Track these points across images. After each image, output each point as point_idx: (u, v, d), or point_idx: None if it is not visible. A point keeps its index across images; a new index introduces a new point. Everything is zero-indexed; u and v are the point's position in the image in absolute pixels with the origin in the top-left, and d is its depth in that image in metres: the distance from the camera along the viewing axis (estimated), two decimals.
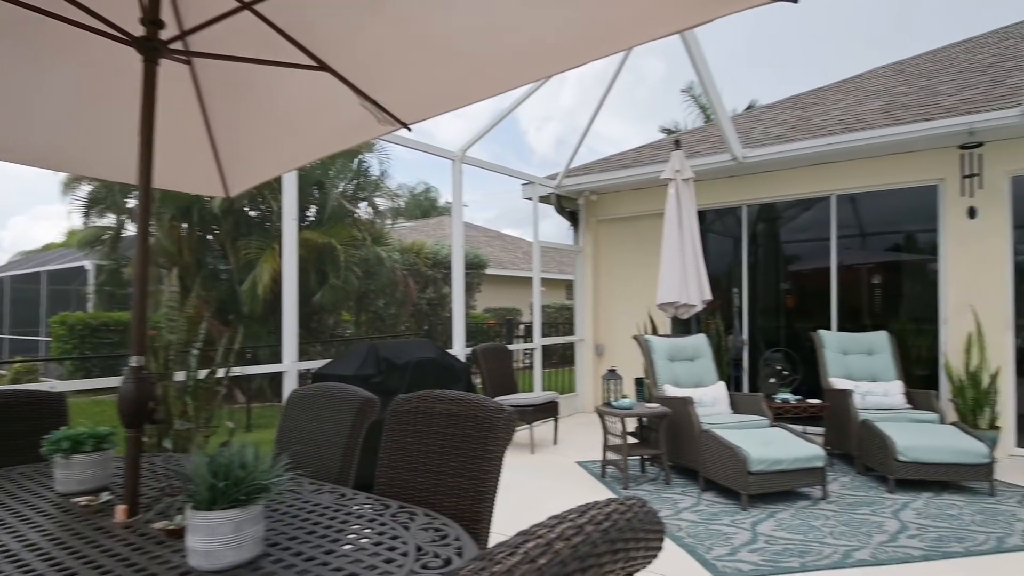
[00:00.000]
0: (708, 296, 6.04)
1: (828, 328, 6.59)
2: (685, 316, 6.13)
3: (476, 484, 2.13)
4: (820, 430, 5.85)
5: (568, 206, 8.45)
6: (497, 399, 6.15)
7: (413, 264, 12.07)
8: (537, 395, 6.34)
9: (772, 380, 6.04)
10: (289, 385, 4.64)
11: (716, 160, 6.92)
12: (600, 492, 4.89)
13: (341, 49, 2.39)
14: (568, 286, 17.52)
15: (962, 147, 5.83)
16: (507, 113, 6.39)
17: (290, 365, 4.67)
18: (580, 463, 5.73)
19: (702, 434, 4.86)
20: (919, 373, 6.33)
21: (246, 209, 10.51)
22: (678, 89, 20.41)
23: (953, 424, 5.18)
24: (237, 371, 4.30)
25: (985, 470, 4.69)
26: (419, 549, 1.59)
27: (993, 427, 5.60)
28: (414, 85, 2.57)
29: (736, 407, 5.47)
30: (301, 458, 2.58)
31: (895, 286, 6.97)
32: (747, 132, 7.47)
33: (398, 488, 2.27)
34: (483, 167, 6.77)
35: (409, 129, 2.67)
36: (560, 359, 12.43)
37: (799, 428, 5.08)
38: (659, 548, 1.11)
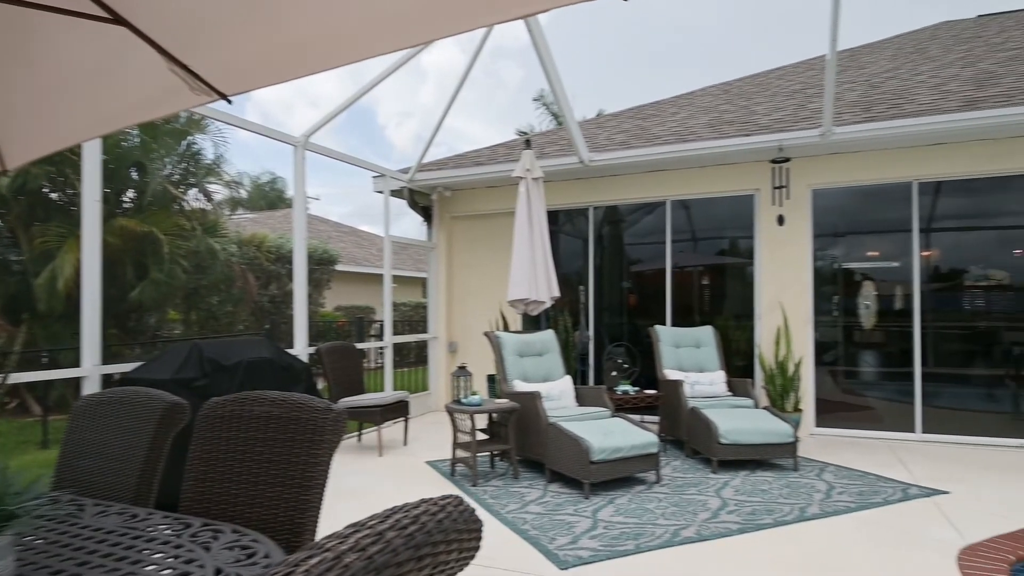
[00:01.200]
0: (556, 293, 6.21)
1: (664, 324, 7.08)
2: (535, 312, 6.25)
3: (299, 493, 1.93)
4: (656, 419, 6.26)
5: (421, 201, 8.30)
6: (343, 400, 5.85)
7: (253, 258, 11.20)
8: (386, 395, 6.11)
9: (614, 373, 6.35)
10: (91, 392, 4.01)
11: (565, 162, 7.15)
12: (448, 491, 4.79)
13: (143, 0, 2.06)
14: (425, 284, 17.33)
15: (773, 161, 6.54)
16: (356, 99, 6.08)
17: (91, 369, 4.04)
18: (430, 463, 5.61)
19: (549, 427, 4.96)
20: (739, 364, 7.00)
21: (45, 190, 9.07)
22: (534, 95, 21.04)
23: (765, 408, 5.77)
24: (18, 377, 3.63)
25: (791, 448, 5.28)
26: (219, 572, 1.38)
27: (797, 409, 6.35)
28: (235, 51, 2.29)
29: (581, 400, 5.66)
30: (89, 476, 2.20)
31: (720, 286, 7.67)
32: (593, 137, 7.82)
33: (208, 503, 2.00)
34: (329, 155, 6.41)
35: (229, 101, 2.37)
36: (417, 358, 12.22)
37: (638, 418, 5.37)
38: (475, 548, 1.02)
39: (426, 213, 8.41)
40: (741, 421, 5.35)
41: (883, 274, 6.81)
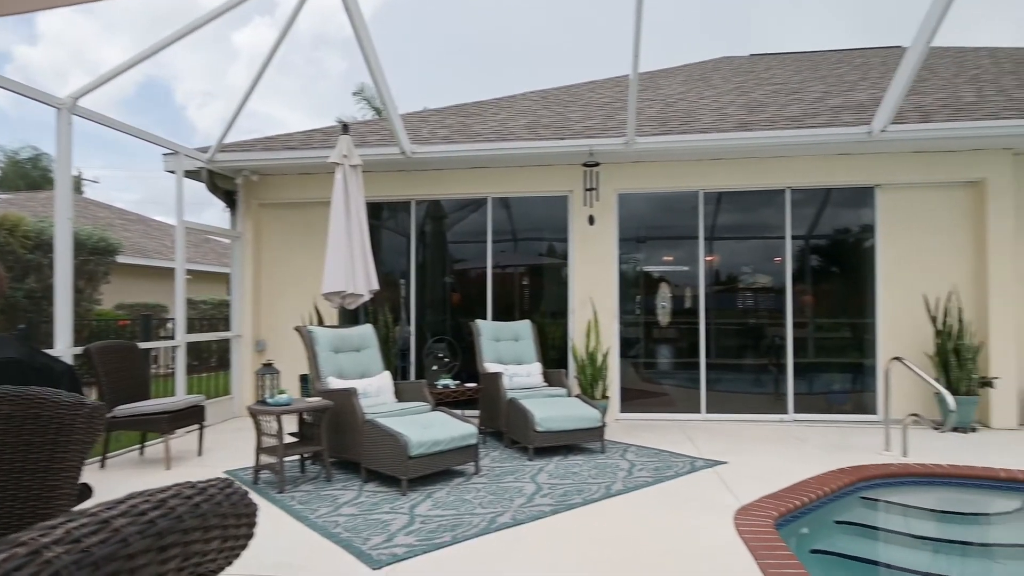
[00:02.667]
0: (375, 286, 5.97)
1: (486, 319, 7.18)
2: (352, 306, 5.95)
3: (36, 507, 1.56)
4: (478, 412, 6.30)
5: (224, 185, 7.50)
6: (120, 408, 5.04)
7: (5, 244, 9.27)
8: (175, 399, 5.39)
9: (435, 368, 6.27)
10: None
11: (386, 152, 6.93)
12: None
13: None
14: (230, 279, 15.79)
15: (585, 165, 6.96)
16: (139, 60, 5.27)
17: None
18: (229, 472, 5.05)
19: (365, 424, 4.72)
20: (554, 356, 7.33)
21: None
22: (355, 89, 20.32)
23: (577, 396, 6.10)
24: None
25: (599, 432, 5.62)
26: None
27: (604, 397, 6.80)
28: None
29: (401, 395, 5.50)
30: None
31: (539, 285, 7.98)
32: (416, 130, 7.69)
33: None
34: (104, 123, 5.47)
35: None
36: (220, 362, 11.07)
37: (459, 412, 5.34)
38: (247, 536, 0.85)
39: (229, 199, 7.63)
40: (555, 409, 5.58)
41: (677, 277, 7.57)
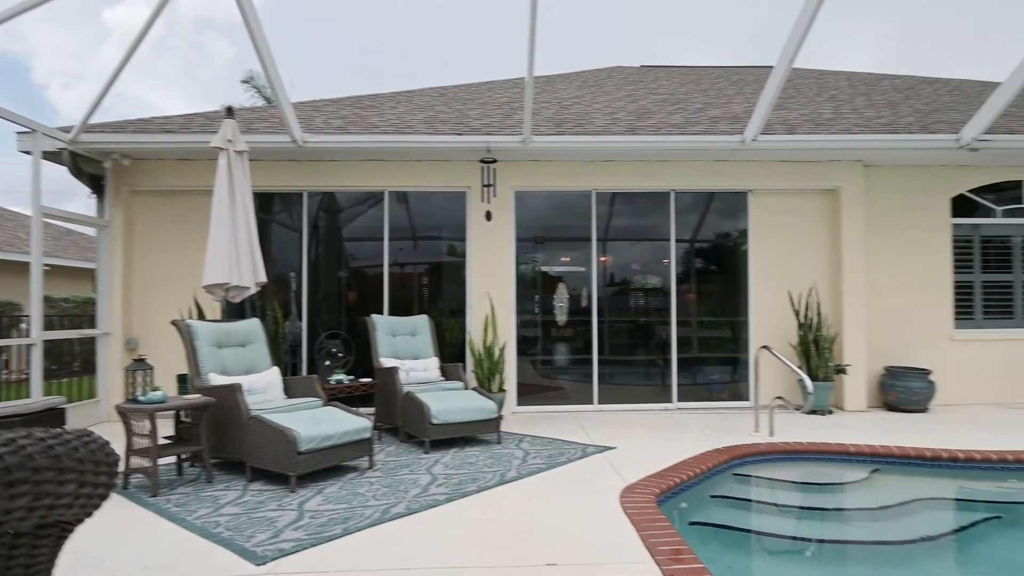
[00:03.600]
0: (263, 278, 5.70)
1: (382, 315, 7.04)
2: (237, 299, 5.64)
3: None
4: (373, 409, 6.17)
5: (90, 169, 6.86)
6: None
7: None
8: (29, 401, 4.85)
9: (327, 363, 6.08)
10: None
11: (276, 140, 6.64)
12: (119, 507, 4.00)
13: None
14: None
15: (483, 161, 7.03)
16: None
17: None
18: None
19: (250, 421, 4.49)
20: (454, 353, 7.33)
21: None
22: (245, 76, 19.20)
23: (474, 389, 6.13)
24: None
25: (495, 423, 5.69)
26: None
27: (501, 390, 6.89)
28: None
29: (291, 392, 5.28)
30: None
31: (438, 281, 7.94)
32: (309, 120, 7.43)
33: None
34: None
35: None
36: (85, 366, 10.08)
37: (355, 408, 5.21)
38: (108, 486, 0.82)
39: (96, 184, 6.98)
40: (452, 402, 5.59)
41: (573, 277, 7.81)
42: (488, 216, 7.19)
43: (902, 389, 7.33)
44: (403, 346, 6.44)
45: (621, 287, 7.94)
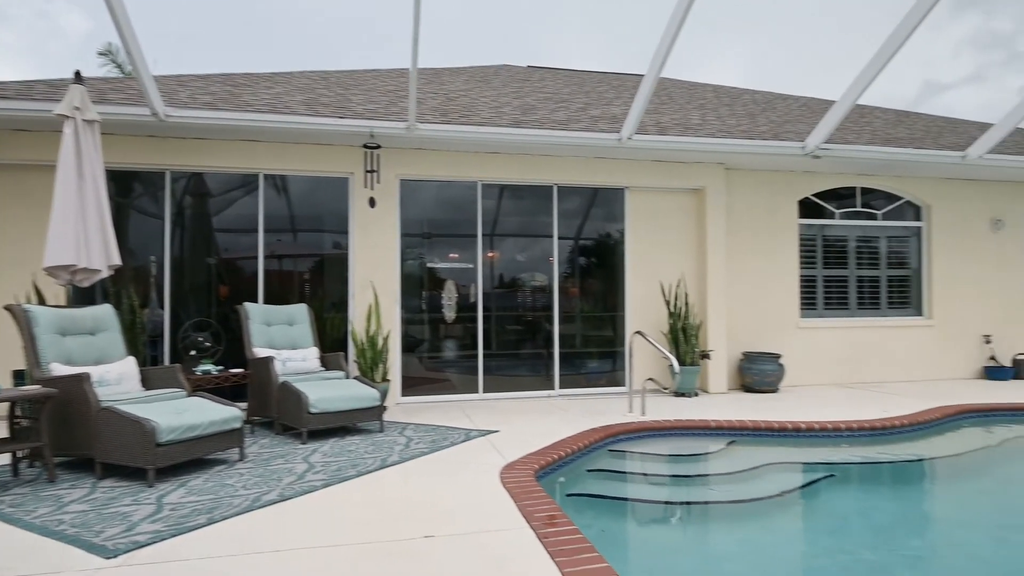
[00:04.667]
0: (116, 260, 5.21)
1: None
2: (86, 284, 5.11)
3: None
4: (246, 404, 5.82)
5: None
6: None
7: None
8: None
9: (193, 352, 5.67)
10: None
11: (133, 112, 6.09)
12: None
13: None
14: None
15: (366, 146, 6.88)
16: None
17: None
18: None
19: (101, 413, 4.09)
20: (336, 343, 7.09)
21: None
22: (102, 48, 17.38)
23: (356, 378, 5.98)
24: None
25: (377, 411, 5.58)
26: None
27: (385, 379, 6.77)
28: None
29: (150, 383, 4.87)
30: None
31: (319, 271, 7.63)
32: (173, 94, 6.89)
33: None
34: None
35: None
36: None
37: (226, 400, 4.88)
38: None
39: None
40: (331, 390, 5.42)
41: (461, 273, 7.82)
42: (372, 203, 7.04)
43: (757, 372, 8.05)
44: (279, 336, 6.15)
45: (507, 282, 8.08)
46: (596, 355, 8.31)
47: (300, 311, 6.43)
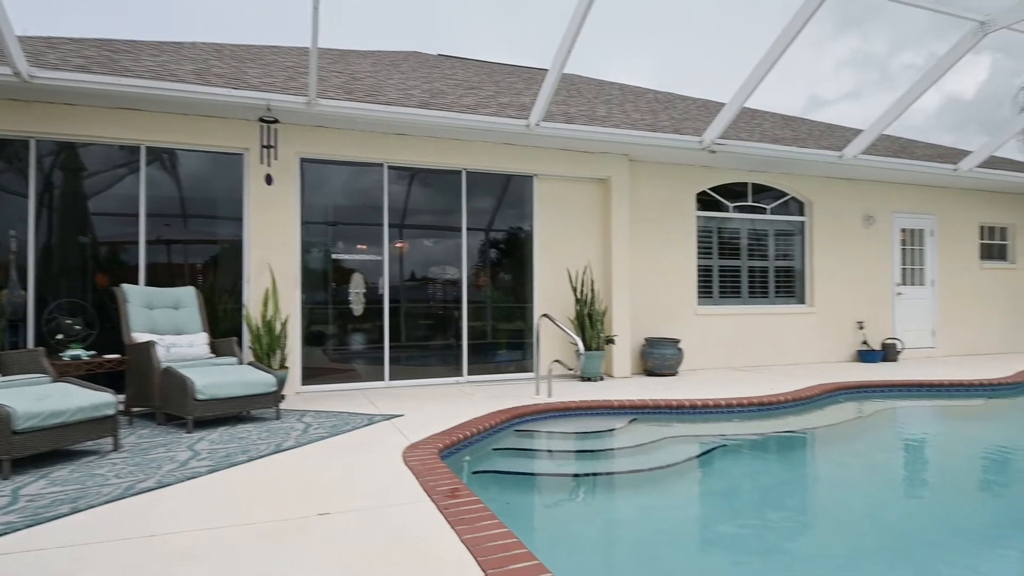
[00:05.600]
0: None
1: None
2: None
3: None
4: (124, 396, 5.34)
5: None
6: None
7: None
8: None
9: (60, 336, 5.13)
10: None
11: None
12: None
13: None
14: None
15: (262, 120, 6.50)
16: None
17: None
18: None
19: None
20: (227, 327, 6.65)
21: None
22: None
23: (250, 363, 5.64)
24: None
25: (273, 397, 5.28)
26: None
27: (283, 367, 6.43)
28: None
29: (8, 369, 4.36)
30: None
31: (211, 249, 7.14)
32: (40, 55, 6.21)
33: None
34: None
35: None
36: None
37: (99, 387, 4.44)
38: None
39: None
40: (221, 376, 5.08)
41: (366, 265, 7.56)
42: (268, 180, 6.67)
43: (658, 356, 8.37)
44: (163, 320, 5.69)
45: (415, 271, 7.92)
46: (505, 344, 8.33)
47: (187, 294, 5.99)
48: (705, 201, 9.45)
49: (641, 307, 8.74)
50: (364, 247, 7.61)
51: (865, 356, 9.96)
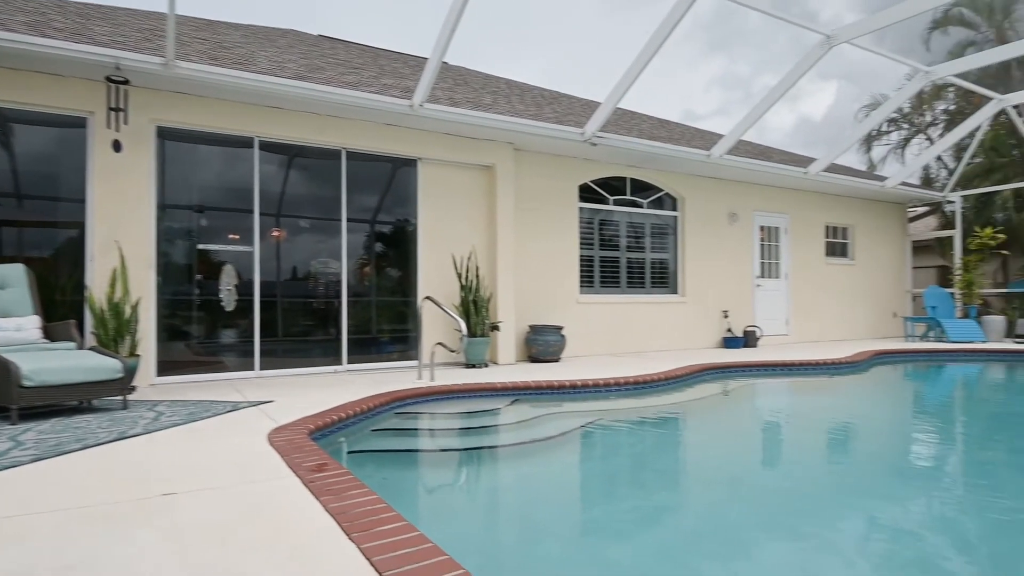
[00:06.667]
0: None
1: None
2: None
3: None
4: None
5: None
6: None
7: None
8: None
9: None
10: None
11: None
12: None
13: None
14: None
15: (110, 80, 5.83)
16: None
17: None
18: None
19: None
20: (67, 310, 5.89)
21: None
22: None
23: (92, 348, 5.02)
24: None
25: (119, 384, 4.72)
26: None
27: (134, 355, 5.79)
28: None
29: None
30: None
31: (46, 222, 6.29)
32: None
33: None
34: None
35: None
36: None
37: None
38: None
39: None
40: (54, 361, 4.46)
41: (236, 256, 7.00)
42: (117, 146, 5.98)
43: (542, 343, 8.49)
44: None
45: (292, 258, 7.46)
46: (389, 333, 8.08)
47: (14, 272, 5.23)
48: (587, 194, 9.74)
49: (526, 295, 8.83)
50: (237, 237, 7.05)
51: (729, 342, 10.72)
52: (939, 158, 16.89)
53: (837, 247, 12.98)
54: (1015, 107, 11.55)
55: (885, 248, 13.62)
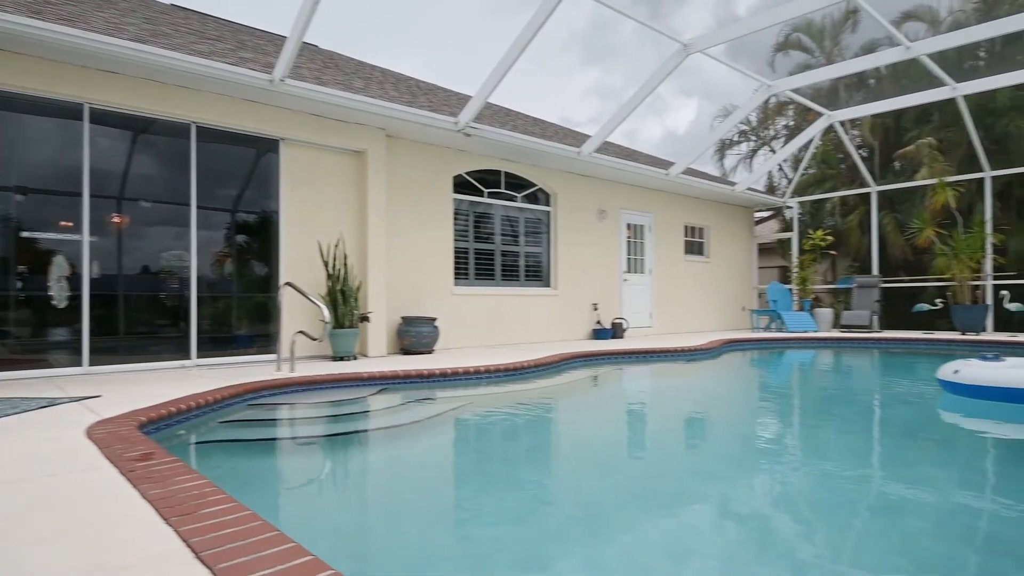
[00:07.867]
0: None
1: None
2: None
3: None
4: None
5: None
6: None
7: None
8: None
9: None
10: None
11: None
12: None
13: None
14: None
15: None
16: None
17: None
18: None
19: None
20: None
21: None
22: None
23: None
24: None
25: None
26: None
27: None
28: None
29: None
30: None
31: None
32: None
33: None
34: None
35: None
36: None
37: None
38: None
39: None
40: None
41: (64, 245, 6.15)
42: None
43: (415, 334, 8.30)
44: None
45: (134, 246, 6.69)
46: (247, 326, 7.50)
47: None
48: (462, 186, 9.69)
49: (399, 286, 8.61)
50: (70, 224, 6.20)
51: (599, 334, 11.15)
52: (780, 168, 18.78)
53: (695, 246, 13.95)
54: (842, 123, 13.07)
55: (735, 248, 14.86)
